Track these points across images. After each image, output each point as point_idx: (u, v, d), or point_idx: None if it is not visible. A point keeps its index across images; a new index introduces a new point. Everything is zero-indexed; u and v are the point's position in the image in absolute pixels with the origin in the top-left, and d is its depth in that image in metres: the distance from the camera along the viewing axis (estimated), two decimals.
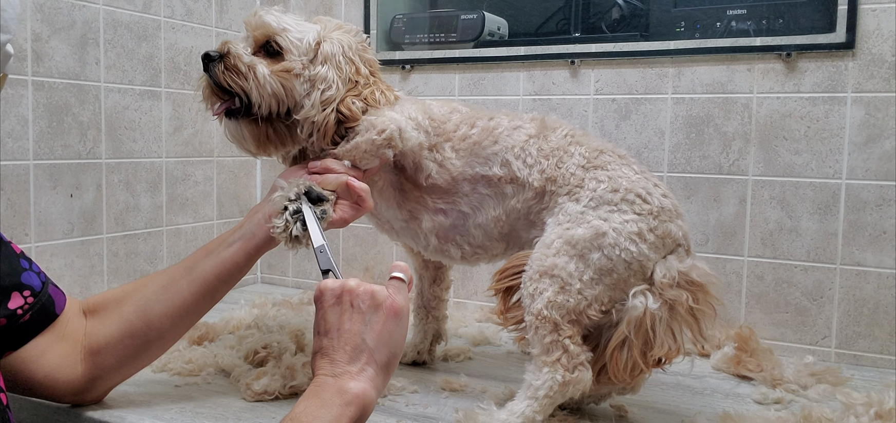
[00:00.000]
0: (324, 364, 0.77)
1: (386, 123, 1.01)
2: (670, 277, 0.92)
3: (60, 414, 0.99)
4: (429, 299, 1.25)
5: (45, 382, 0.92)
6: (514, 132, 1.04)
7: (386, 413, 1.02)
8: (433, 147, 1.06)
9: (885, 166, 1.29)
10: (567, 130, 1.04)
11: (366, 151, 1.01)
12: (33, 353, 0.90)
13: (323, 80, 1.02)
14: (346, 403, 0.74)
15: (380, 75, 1.11)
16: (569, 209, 0.96)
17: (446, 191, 1.06)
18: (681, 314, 0.92)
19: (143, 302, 0.96)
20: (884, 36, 1.27)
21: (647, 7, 1.50)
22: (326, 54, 1.03)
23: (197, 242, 1.71)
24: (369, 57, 1.09)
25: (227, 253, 0.98)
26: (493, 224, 1.06)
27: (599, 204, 0.95)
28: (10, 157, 1.31)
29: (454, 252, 1.10)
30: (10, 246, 0.90)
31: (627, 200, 0.94)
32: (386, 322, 0.78)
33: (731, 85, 1.39)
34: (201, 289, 0.96)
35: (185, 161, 1.67)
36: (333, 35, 1.06)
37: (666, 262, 0.94)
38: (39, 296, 0.90)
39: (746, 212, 1.40)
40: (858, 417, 0.99)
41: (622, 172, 0.97)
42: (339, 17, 1.75)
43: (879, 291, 1.30)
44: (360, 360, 0.77)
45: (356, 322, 0.78)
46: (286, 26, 1.04)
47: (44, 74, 1.35)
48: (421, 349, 1.24)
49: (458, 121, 1.07)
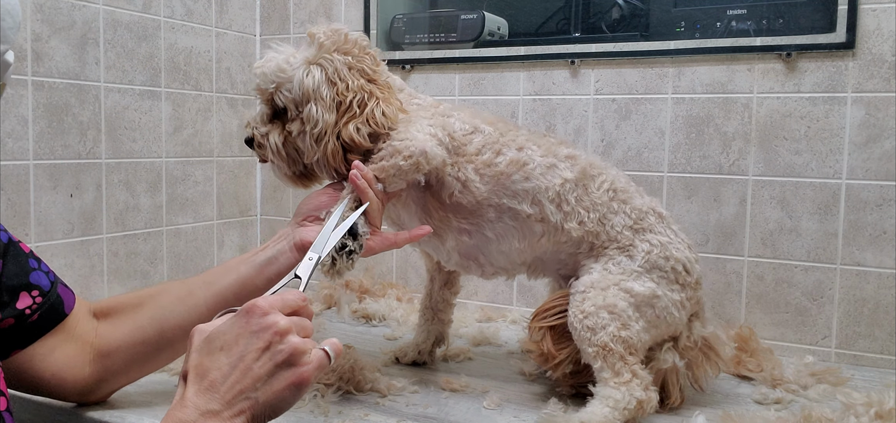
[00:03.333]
0: (199, 389, 0.67)
1: (411, 148, 0.98)
2: (693, 341, 1.06)
3: (61, 414, 0.99)
4: (437, 301, 1.24)
5: (53, 381, 0.92)
6: (549, 172, 1.04)
7: (386, 413, 1.02)
8: (454, 165, 1.04)
9: (885, 166, 1.29)
10: (608, 182, 1.07)
11: (394, 175, 0.99)
12: (41, 352, 0.90)
13: (309, 119, 0.99)
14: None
15: (385, 80, 1.05)
16: (623, 263, 1.03)
17: (470, 212, 1.06)
18: (693, 372, 1.06)
19: (159, 311, 0.95)
20: (884, 36, 1.27)
21: (647, 7, 1.50)
22: (307, 91, 0.99)
23: (197, 242, 1.71)
24: (366, 66, 1.02)
25: (248, 274, 0.96)
26: (517, 254, 1.08)
27: (652, 268, 1.03)
28: (10, 157, 1.31)
29: (475, 269, 1.12)
30: (19, 246, 0.90)
31: (676, 270, 1.04)
32: (287, 387, 0.69)
33: (731, 85, 1.39)
34: (219, 304, 0.94)
35: (185, 161, 1.67)
36: (323, 58, 1.00)
37: (692, 325, 1.06)
38: (48, 296, 0.90)
39: (746, 212, 1.40)
40: (858, 417, 0.99)
41: (668, 238, 1.05)
42: (339, 17, 1.75)
43: (879, 291, 1.30)
44: (238, 406, 0.67)
45: (261, 369, 0.68)
46: (279, 79, 1.01)
47: (44, 74, 1.35)
48: (422, 350, 1.24)
49: (481, 144, 1.05)
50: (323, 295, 1.65)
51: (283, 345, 0.69)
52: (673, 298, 1.03)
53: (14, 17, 0.74)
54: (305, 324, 0.73)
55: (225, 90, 1.77)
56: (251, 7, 1.84)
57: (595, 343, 0.98)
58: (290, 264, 0.95)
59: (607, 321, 0.98)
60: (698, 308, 1.08)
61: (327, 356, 0.72)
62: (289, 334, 0.69)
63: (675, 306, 1.03)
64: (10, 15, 0.74)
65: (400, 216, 1.10)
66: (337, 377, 1.09)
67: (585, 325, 0.99)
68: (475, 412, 1.04)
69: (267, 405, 0.68)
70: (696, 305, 1.07)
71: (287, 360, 0.68)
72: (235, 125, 1.80)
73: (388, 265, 1.74)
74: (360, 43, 1.03)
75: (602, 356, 0.98)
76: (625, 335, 0.98)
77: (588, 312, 0.99)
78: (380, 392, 1.09)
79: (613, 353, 0.97)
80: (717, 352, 1.07)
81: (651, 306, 1.01)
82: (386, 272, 1.75)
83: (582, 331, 0.99)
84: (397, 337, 1.40)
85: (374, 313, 1.53)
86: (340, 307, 1.59)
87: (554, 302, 1.06)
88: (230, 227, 1.82)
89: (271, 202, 1.88)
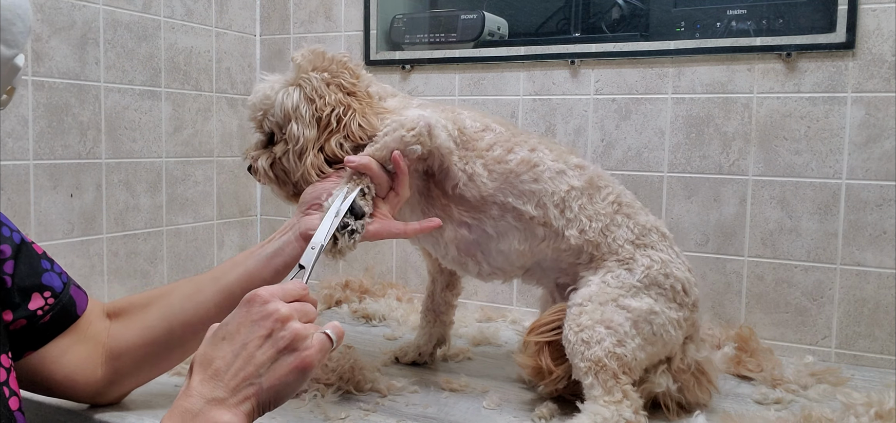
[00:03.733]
0: (204, 378, 0.69)
1: (415, 121, 0.98)
2: (686, 364, 1.03)
3: (62, 414, 0.99)
4: (439, 303, 1.24)
5: (65, 383, 0.92)
6: (557, 177, 1.05)
7: (386, 413, 1.02)
8: (462, 158, 1.04)
9: (885, 166, 1.29)
10: (614, 194, 1.06)
11: (396, 150, 0.99)
12: (54, 353, 0.90)
13: (291, 137, 1.02)
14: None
15: (365, 91, 1.06)
16: (622, 276, 1.02)
17: (474, 206, 1.06)
18: (685, 396, 1.04)
19: (168, 310, 0.95)
20: (884, 36, 1.27)
21: (647, 7, 1.50)
22: (288, 112, 1.02)
23: (197, 242, 1.71)
24: (344, 80, 1.03)
25: (255, 268, 0.95)
26: (516, 256, 1.07)
27: (652, 284, 1.01)
28: (10, 157, 1.31)
29: (472, 267, 1.11)
30: (32, 247, 0.90)
31: (675, 289, 1.02)
32: (290, 372, 0.70)
33: (731, 85, 1.39)
34: (226, 301, 0.94)
35: (185, 161, 1.67)
36: (300, 79, 1.02)
37: (686, 348, 1.04)
38: (60, 297, 0.90)
39: (746, 212, 1.40)
40: (858, 417, 0.99)
41: (669, 256, 1.04)
42: (339, 17, 1.75)
43: (879, 291, 1.30)
44: (243, 393, 0.68)
45: (264, 354, 0.69)
46: (264, 106, 1.05)
47: (44, 74, 1.35)
48: (423, 351, 1.24)
49: (492, 141, 1.06)
50: (323, 295, 1.65)
51: (284, 331, 0.70)
52: (671, 316, 1.01)
53: (24, 22, 0.73)
54: (307, 309, 0.74)
55: (225, 90, 1.77)
56: (251, 7, 1.84)
57: (588, 358, 0.96)
58: (296, 255, 0.94)
59: (603, 336, 0.96)
60: (693, 331, 1.06)
61: (329, 339, 0.73)
62: (290, 320, 0.70)
63: (672, 325, 1.01)
64: (21, 19, 0.73)
65: (402, 208, 1.09)
66: (337, 377, 1.09)
67: (581, 338, 0.97)
68: (475, 412, 1.04)
69: (271, 389, 0.69)
70: (691, 327, 1.05)
71: (289, 345, 0.70)
72: (235, 125, 1.80)
73: (388, 265, 1.74)
74: (337, 59, 1.05)
75: (594, 371, 0.95)
76: (620, 353, 0.96)
77: (584, 325, 0.97)
78: (380, 392, 1.09)
79: (606, 369, 0.95)
80: (709, 377, 1.05)
81: (649, 322, 0.99)
82: (386, 272, 1.75)
83: (576, 344, 0.97)
84: (397, 337, 1.40)
85: (374, 313, 1.53)
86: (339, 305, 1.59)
87: (551, 317, 1.04)
88: (230, 227, 1.82)
89: (271, 202, 1.88)
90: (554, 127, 1.54)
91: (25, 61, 1.31)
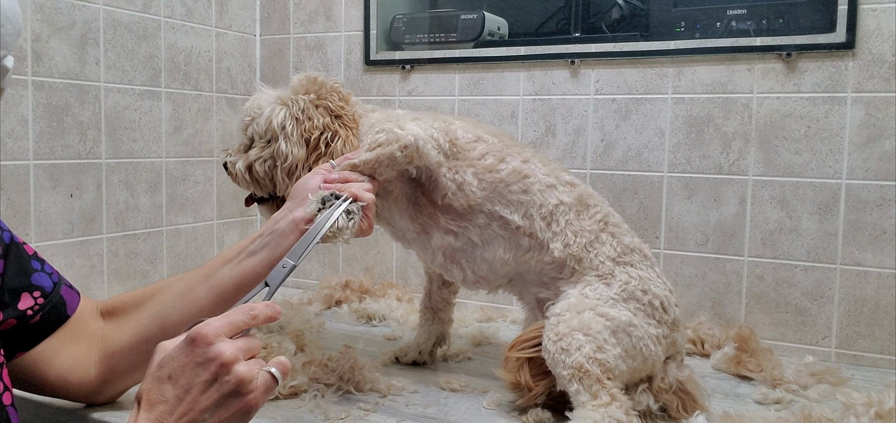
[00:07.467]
0: (149, 419, 0.68)
1: (406, 138, 1.00)
2: (668, 383, 1.02)
3: (62, 414, 0.99)
4: (437, 301, 1.25)
5: (58, 382, 0.92)
6: (547, 191, 1.05)
7: (386, 413, 1.02)
8: (452, 168, 1.05)
9: (885, 166, 1.29)
10: (602, 214, 1.06)
11: (387, 165, 1.01)
12: (46, 354, 0.90)
13: (279, 154, 1.09)
14: None
15: (352, 114, 1.12)
16: (600, 289, 1.01)
17: (461, 215, 1.07)
18: (670, 416, 1.02)
19: (160, 308, 0.94)
20: (884, 36, 1.27)
21: (647, 7, 1.50)
22: (273, 127, 1.10)
23: (197, 242, 1.71)
24: (332, 103, 1.10)
25: (247, 263, 0.94)
26: (500, 264, 1.08)
27: (629, 297, 1.01)
28: (10, 157, 1.31)
29: (457, 274, 1.12)
30: (23, 247, 0.90)
31: (653, 305, 1.01)
32: (234, 415, 0.69)
33: (731, 85, 1.39)
34: (218, 297, 0.93)
35: (185, 161, 1.67)
36: (290, 99, 1.10)
37: (667, 368, 1.02)
38: (50, 297, 0.90)
39: (746, 212, 1.40)
40: (858, 417, 0.99)
41: (649, 275, 1.04)
42: (339, 17, 1.75)
43: (879, 291, 1.30)
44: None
45: (209, 400, 0.68)
46: (252, 114, 1.13)
47: (44, 74, 1.35)
48: (423, 350, 1.24)
49: (484, 150, 1.07)
50: (324, 295, 1.65)
51: (228, 376, 0.69)
52: (650, 331, 0.99)
53: (14, 24, 0.74)
54: (252, 345, 0.73)
55: (225, 90, 1.77)
56: (251, 7, 1.84)
57: (570, 365, 0.94)
58: (286, 248, 0.93)
59: (582, 342, 0.94)
60: (675, 351, 1.04)
61: (274, 378, 0.73)
62: (235, 364, 0.69)
63: (651, 341, 0.99)
64: (10, 22, 0.74)
65: (391, 212, 1.10)
66: (337, 377, 1.09)
67: (560, 346, 0.95)
68: (475, 412, 1.04)
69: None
70: (672, 347, 1.03)
71: (234, 390, 0.69)
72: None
73: (388, 265, 1.74)
74: (327, 84, 1.12)
75: (578, 377, 0.93)
76: (601, 358, 0.94)
77: (562, 333, 0.96)
78: (380, 392, 1.09)
79: (589, 374, 0.93)
80: (693, 397, 1.03)
81: (628, 334, 0.97)
82: (386, 272, 1.75)
83: (556, 353, 0.95)
84: (397, 337, 1.40)
85: (374, 313, 1.53)
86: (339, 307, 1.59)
87: (531, 333, 1.03)
88: (230, 227, 1.82)
89: None
90: (554, 127, 1.54)
91: (25, 62, 1.32)
